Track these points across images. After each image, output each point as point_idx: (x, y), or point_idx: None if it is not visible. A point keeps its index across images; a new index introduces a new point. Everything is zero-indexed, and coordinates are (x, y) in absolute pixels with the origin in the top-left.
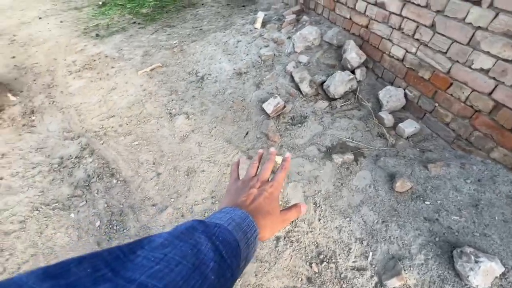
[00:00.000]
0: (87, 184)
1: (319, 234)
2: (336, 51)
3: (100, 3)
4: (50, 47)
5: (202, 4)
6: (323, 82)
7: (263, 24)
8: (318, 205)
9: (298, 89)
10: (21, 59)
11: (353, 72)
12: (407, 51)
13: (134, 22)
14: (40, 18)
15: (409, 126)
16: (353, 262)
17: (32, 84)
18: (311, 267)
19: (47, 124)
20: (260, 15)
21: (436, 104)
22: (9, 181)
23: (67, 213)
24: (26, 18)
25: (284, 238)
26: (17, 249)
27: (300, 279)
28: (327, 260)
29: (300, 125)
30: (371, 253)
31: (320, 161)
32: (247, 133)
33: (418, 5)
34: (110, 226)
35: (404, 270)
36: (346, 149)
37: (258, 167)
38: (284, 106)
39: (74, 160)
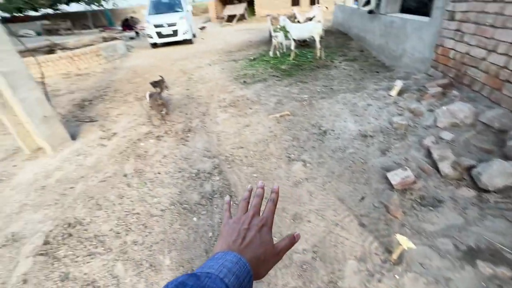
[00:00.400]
0: (210, 197)
1: None
2: (495, 135)
3: (252, 58)
4: (211, 86)
5: (335, 66)
6: (472, 167)
7: (400, 93)
8: None
9: (436, 167)
10: (192, 91)
11: None
12: None
13: (274, 75)
14: (209, 64)
15: None
16: None
17: (194, 110)
18: None
19: (196, 141)
20: (398, 84)
21: None
22: (163, 177)
23: (192, 216)
24: (201, 64)
25: None
26: (154, 230)
27: None
28: None
29: (432, 208)
30: None
31: (456, 261)
32: (363, 198)
33: None
34: (216, 241)
35: None
36: (499, 260)
37: (248, 203)
38: (414, 182)
39: (206, 175)
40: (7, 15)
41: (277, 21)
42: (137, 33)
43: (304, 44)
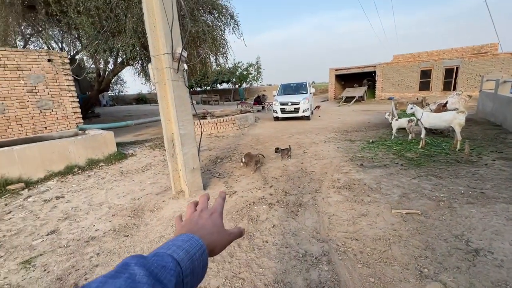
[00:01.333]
0: None
1: None
2: None
3: (370, 140)
4: (325, 163)
5: (486, 165)
6: None
7: None
8: None
9: None
10: (306, 165)
11: None
12: None
13: (397, 163)
14: (324, 141)
15: None
16: None
17: (307, 185)
18: None
19: (305, 218)
20: None
21: None
22: (270, 247)
23: None
24: (316, 140)
25: None
26: None
27: None
28: None
29: None
30: None
31: None
32: None
33: None
34: None
35: None
36: None
37: (196, 205)
38: None
39: (314, 260)
40: None
41: (402, 105)
42: (263, 107)
43: (437, 132)
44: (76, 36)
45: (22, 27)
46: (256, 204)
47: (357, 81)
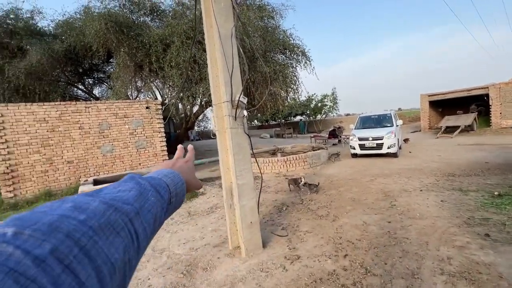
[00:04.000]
0: None
1: None
2: None
3: (496, 193)
4: (425, 226)
5: None
6: None
7: None
8: None
9: None
10: (396, 226)
11: None
12: None
13: None
14: (421, 190)
15: None
16: None
17: (397, 261)
18: None
19: None
20: None
21: None
22: None
23: None
24: (408, 186)
25: None
26: None
27: None
28: None
29: None
30: None
31: None
32: None
33: None
34: None
35: None
36: None
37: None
38: None
39: None
40: (260, 123)
41: None
42: (339, 140)
43: None
44: (170, 85)
45: (136, 82)
46: (325, 283)
47: (460, 107)
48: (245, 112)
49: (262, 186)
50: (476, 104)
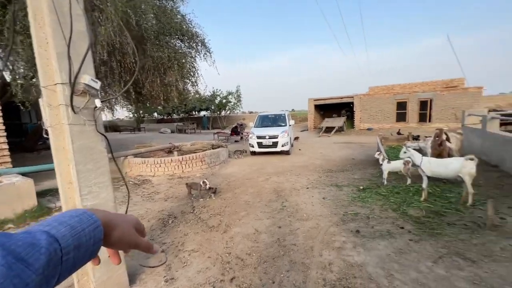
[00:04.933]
0: None
1: None
2: None
3: (361, 187)
4: (310, 228)
5: None
6: None
7: None
8: None
9: None
10: (285, 232)
11: None
12: None
13: (402, 227)
14: (307, 188)
15: None
16: None
17: (284, 277)
18: None
19: None
20: None
21: None
22: None
23: None
24: (298, 184)
25: None
26: None
27: None
28: None
29: None
30: None
31: None
32: None
33: None
34: None
35: None
36: None
37: None
38: None
39: None
40: (161, 116)
41: (387, 141)
42: (241, 138)
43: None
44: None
45: None
46: None
47: (336, 111)
48: (97, 102)
49: (149, 193)
50: (345, 110)
